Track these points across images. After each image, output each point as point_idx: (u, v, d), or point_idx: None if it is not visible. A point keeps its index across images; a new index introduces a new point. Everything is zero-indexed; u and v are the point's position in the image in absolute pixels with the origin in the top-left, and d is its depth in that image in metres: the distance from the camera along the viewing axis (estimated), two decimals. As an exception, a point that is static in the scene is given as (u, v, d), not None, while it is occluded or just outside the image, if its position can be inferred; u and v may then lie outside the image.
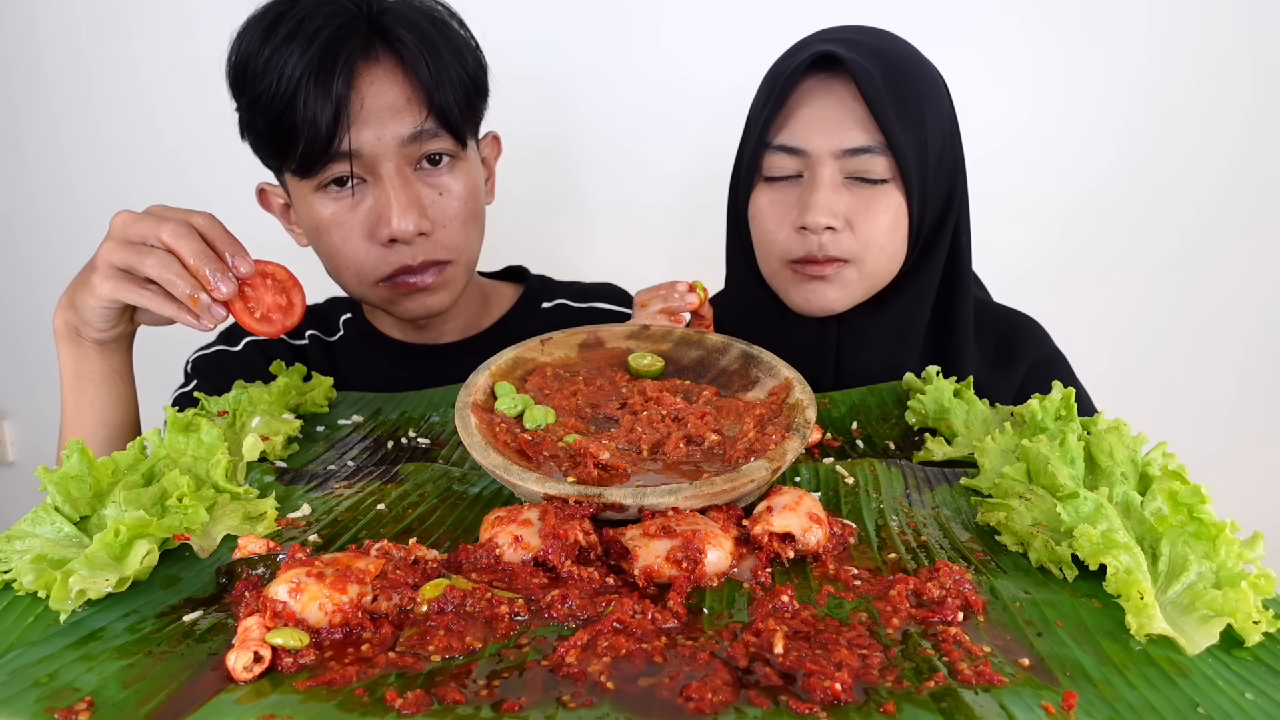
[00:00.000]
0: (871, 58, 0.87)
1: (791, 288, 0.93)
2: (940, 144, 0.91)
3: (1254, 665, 0.46)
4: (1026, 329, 1.03)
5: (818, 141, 0.87)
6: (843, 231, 0.88)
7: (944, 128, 0.92)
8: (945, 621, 0.49)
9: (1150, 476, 0.60)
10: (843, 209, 0.88)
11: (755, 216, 0.93)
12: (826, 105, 0.88)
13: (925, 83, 0.91)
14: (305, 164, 0.88)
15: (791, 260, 0.91)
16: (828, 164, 0.87)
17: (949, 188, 0.94)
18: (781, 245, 0.91)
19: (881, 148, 0.87)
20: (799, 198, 0.89)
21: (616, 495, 0.58)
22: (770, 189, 0.92)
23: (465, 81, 0.92)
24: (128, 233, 0.75)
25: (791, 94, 0.89)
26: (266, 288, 0.79)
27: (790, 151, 0.89)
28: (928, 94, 0.90)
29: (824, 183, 0.87)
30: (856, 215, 0.88)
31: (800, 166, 0.89)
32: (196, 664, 0.46)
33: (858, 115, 0.86)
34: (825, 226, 0.87)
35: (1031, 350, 1.01)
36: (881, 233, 0.89)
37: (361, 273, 0.95)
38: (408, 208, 0.90)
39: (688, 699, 0.42)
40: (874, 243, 0.89)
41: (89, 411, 0.86)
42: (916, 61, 0.92)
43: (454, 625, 0.48)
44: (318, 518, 0.65)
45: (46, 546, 0.56)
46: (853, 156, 0.87)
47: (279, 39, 0.85)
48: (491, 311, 1.14)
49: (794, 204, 0.89)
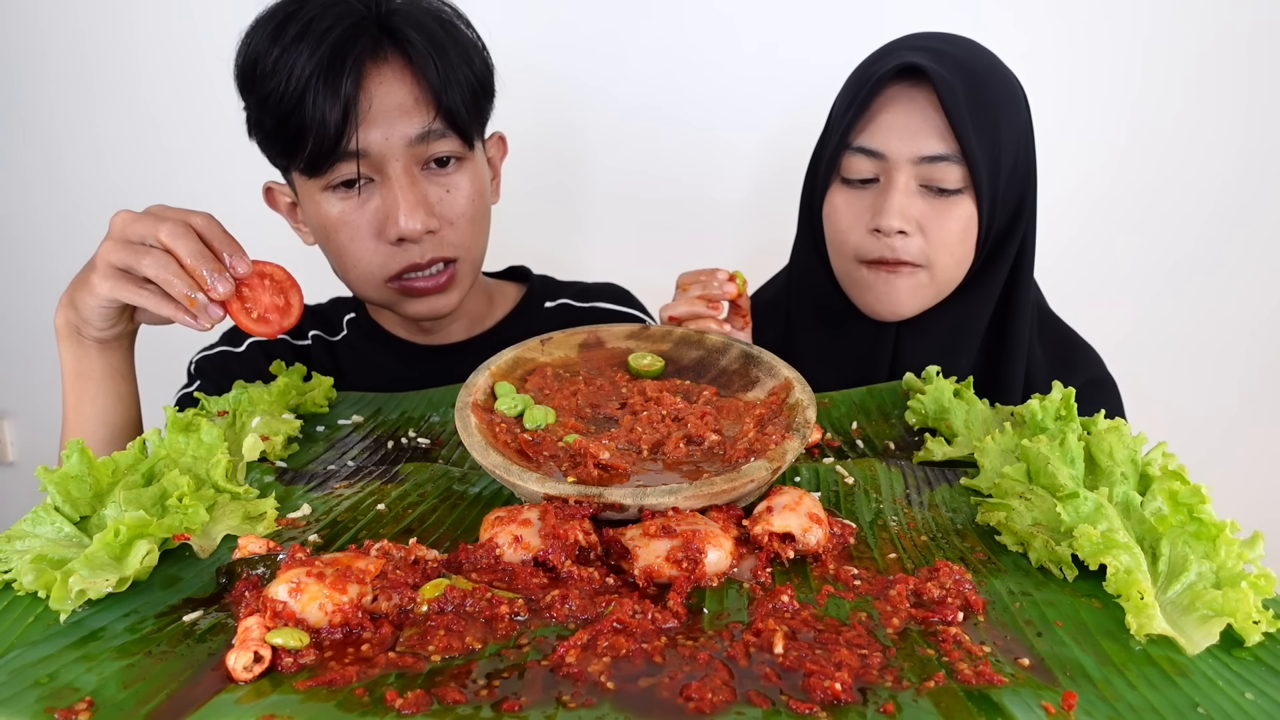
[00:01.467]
0: (954, 69, 0.90)
1: (863, 291, 0.97)
2: (1014, 155, 0.94)
3: (1254, 665, 0.46)
4: (1084, 349, 1.06)
5: (897, 146, 0.91)
6: (914, 236, 0.91)
7: (1019, 138, 0.95)
8: (945, 621, 0.49)
9: (1150, 476, 0.60)
10: (916, 214, 0.91)
11: (830, 215, 0.97)
12: (908, 113, 0.91)
13: (1004, 94, 0.93)
14: (313, 163, 0.89)
15: (864, 260, 0.95)
16: (904, 169, 0.91)
17: (1019, 197, 0.97)
18: (855, 245, 0.95)
19: (957, 157, 0.90)
20: (874, 200, 0.93)
21: (616, 495, 0.58)
22: (847, 189, 0.95)
23: (473, 82, 0.92)
24: (126, 232, 0.76)
25: (875, 99, 0.92)
26: (264, 288, 0.79)
27: (869, 154, 0.92)
28: (1005, 106, 0.93)
29: (900, 187, 0.91)
30: (929, 221, 0.91)
31: (877, 170, 0.93)
32: (196, 664, 0.46)
33: (936, 124, 0.90)
34: (898, 230, 0.90)
35: (1086, 368, 1.03)
36: (952, 240, 0.92)
37: (369, 272, 0.95)
38: (415, 207, 0.90)
39: (688, 699, 0.42)
40: (944, 249, 0.92)
41: (90, 410, 0.86)
42: (997, 73, 0.94)
43: (454, 625, 0.48)
44: (318, 518, 0.65)
45: (46, 546, 0.56)
46: (929, 164, 0.90)
47: (288, 39, 0.85)
48: (494, 311, 1.14)
49: (869, 206, 0.93)
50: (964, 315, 0.98)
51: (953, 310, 0.98)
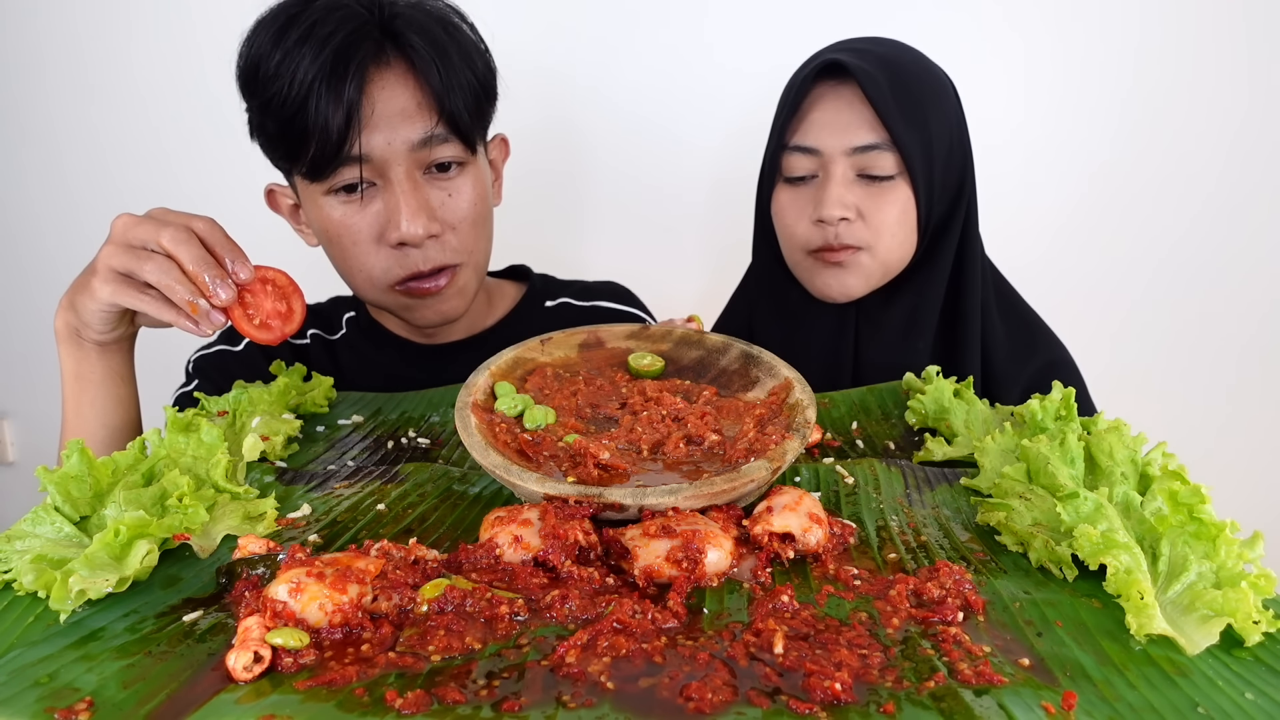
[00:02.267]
0: (876, 64, 0.95)
1: (814, 276, 1.02)
2: (947, 141, 0.99)
3: (1254, 665, 0.46)
4: (1045, 332, 1.09)
5: (829, 141, 0.96)
6: (855, 222, 0.97)
7: (950, 125, 0.99)
8: (945, 621, 0.49)
9: (1150, 476, 0.60)
10: (854, 201, 0.96)
11: (777, 213, 1.03)
12: (836, 109, 0.96)
13: (929, 84, 0.98)
14: (316, 167, 0.88)
15: (811, 250, 1.00)
16: (839, 161, 0.96)
17: (958, 181, 1.01)
18: (802, 237, 1.00)
19: (888, 144, 0.94)
20: (815, 194, 0.98)
21: (616, 495, 0.58)
22: (789, 188, 1.01)
23: (475, 86, 0.92)
24: (128, 237, 0.75)
25: (805, 99, 0.98)
26: (266, 294, 0.79)
27: (805, 151, 0.98)
28: (931, 94, 0.98)
29: (836, 178, 0.96)
30: (867, 207, 0.96)
31: (815, 166, 0.98)
32: (196, 664, 0.46)
33: (865, 116, 0.95)
34: (839, 218, 0.96)
35: (1046, 350, 1.07)
36: (891, 222, 0.97)
37: (372, 277, 0.95)
38: (417, 211, 0.90)
39: (688, 699, 0.42)
40: (884, 231, 0.97)
41: (90, 412, 0.86)
42: (920, 65, 0.99)
43: (454, 625, 0.48)
44: (318, 518, 0.65)
45: (46, 546, 0.56)
46: (862, 154, 0.95)
47: (290, 43, 0.85)
48: (495, 310, 1.14)
49: (810, 200, 0.98)
50: (916, 299, 1.03)
51: (905, 296, 1.03)
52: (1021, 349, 1.06)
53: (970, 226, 1.03)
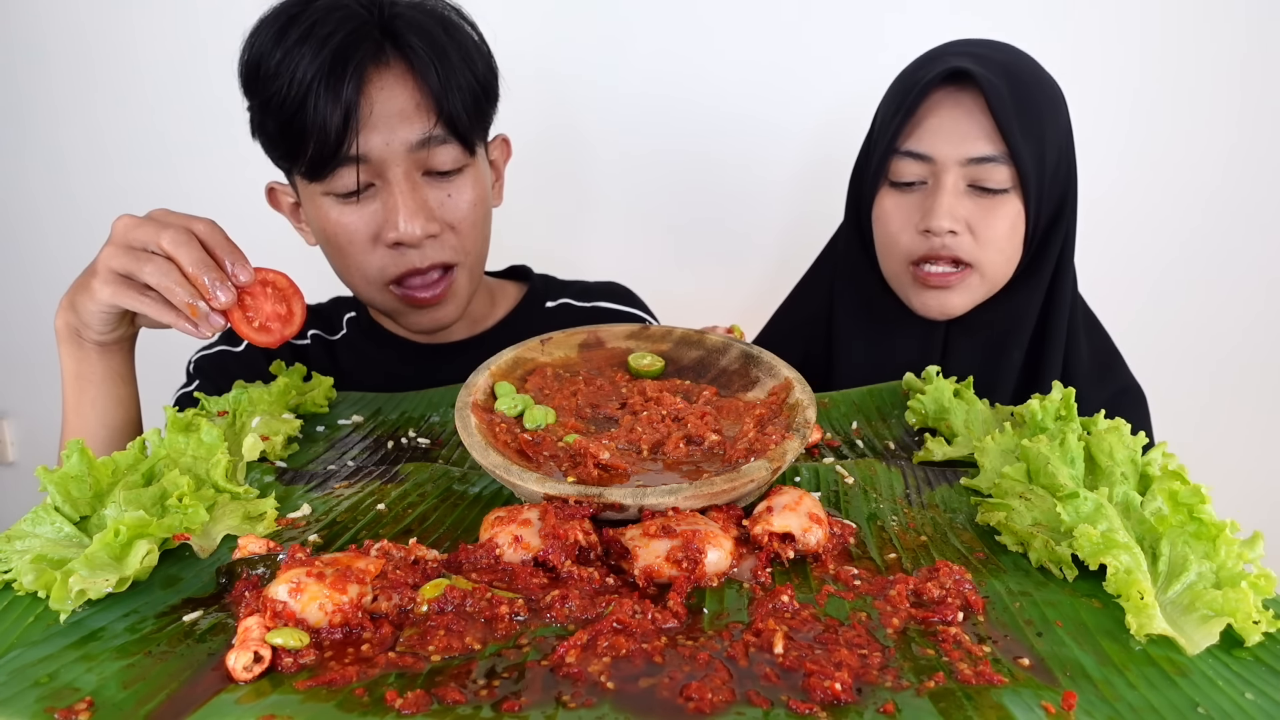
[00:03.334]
0: (999, 72, 0.92)
1: (914, 293, 0.99)
2: (1057, 154, 0.96)
3: (1254, 665, 0.46)
4: (1120, 357, 1.08)
5: (945, 149, 0.93)
6: (963, 235, 0.94)
7: (1061, 138, 0.97)
8: (945, 621, 0.49)
9: (1150, 476, 0.60)
10: (964, 214, 0.93)
11: (880, 218, 0.99)
12: (955, 116, 0.93)
13: (1046, 96, 0.95)
14: (314, 167, 0.89)
15: (913, 260, 0.97)
16: (953, 171, 0.93)
17: (1062, 194, 0.99)
18: (905, 246, 0.97)
19: (1004, 158, 0.92)
20: (923, 202, 0.95)
21: (616, 495, 0.58)
22: (895, 193, 0.98)
23: (475, 87, 0.92)
24: (128, 238, 0.75)
25: (922, 104, 0.95)
26: (266, 296, 0.79)
27: (918, 158, 0.95)
28: (1048, 108, 0.95)
29: (948, 188, 0.93)
30: (977, 221, 0.94)
31: (926, 173, 0.95)
32: (196, 664, 0.46)
33: (984, 127, 0.92)
34: (948, 230, 0.93)
35: (1121, 376, 1.06)
36: (1000, 237, 0.94)
37: (369, 276, 0.95)
38: (415, 212, 0.90)
39: (688, 699, 0.42)
40: (993, 246, 0.95)
41: (90, 412, 0.86)
42: (1039, 77, 0.96)
43: (454, 625, 0.48)
44: (318, 518, 0.65)
45: (46, 546, 0.56)
46: (977, 165, 0.92)
47: (291, 42, 0.85)
48: (495, 310, 1.14)
49: (917, 208, 0.96)
50: (1012, 313, 1.01)
51: (1001, 308, 1.00)
52: (1100, 371, 1.04)
53: (1069, 241, 1.01)
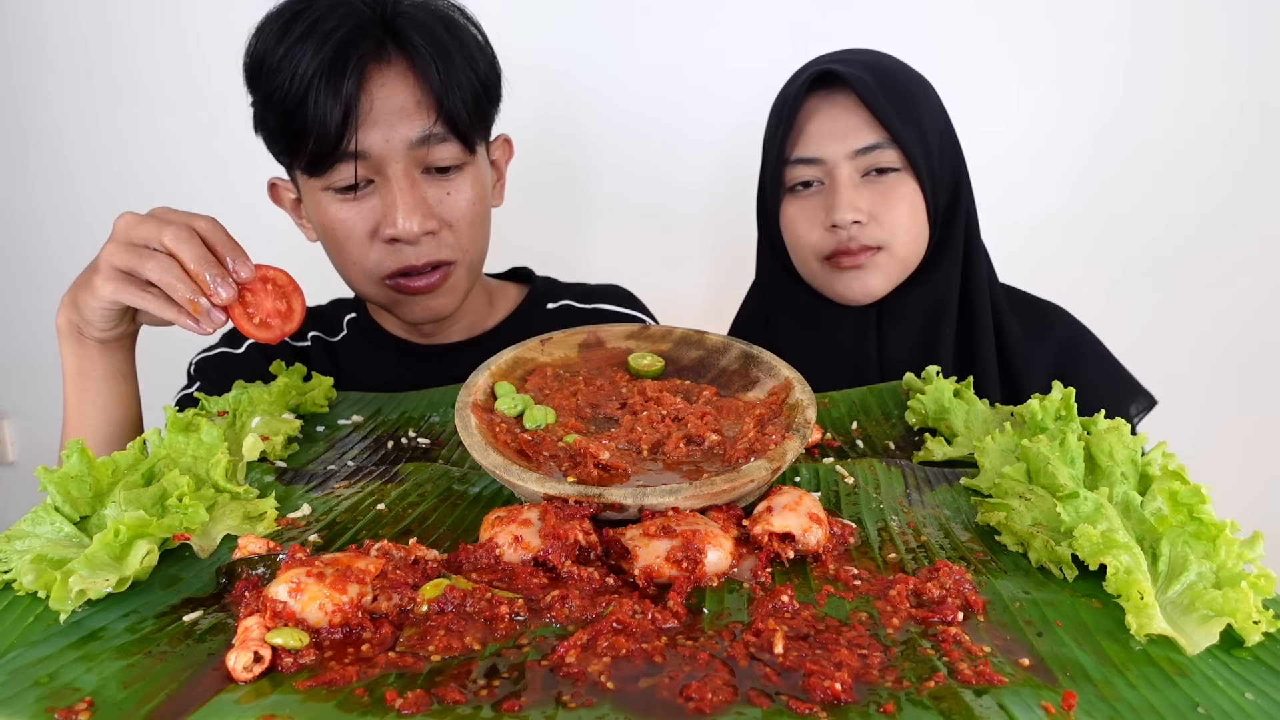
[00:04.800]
0: (865, 69, 0.98)
1: (833, 281, 1.02)
2: (939, 135, 1.01)
3: (1254, 665, 0.46)
4: (1050, 308, 1.11)
5: (831, 149, 0.98)
6: (869, 223, 0.98)
7: (939, 123, 1.02)
8: (945, 621, 0.49)
9: (1150, 476, 0.60)
10: (865, 204, 0.97)
11: (787, 226, 1.03)
12: (832, 116, 0.98)
13: (915, 83, 1.01)
14: (314, 163, 0.89)
15: (825, 256, 1.01)
16: (844, 166, 0.98)
17: (954, 174, 1.03)
18: (815, 244, 1.01)
19: (888, 142, 0.97)
20: (824, 201, 0.99)
21: (616, 495, 0.58)
22: (796, 199, 1.02)
23: (476, 86, 0.92)
24: (130, 235, 0.76)
25: (800, 112, 1.00)
26: (267, 293, 0.79)
27: (808, 162, 0.99)
28: (919, 95, 1.00)
29: (844, 183, 0.97)
30: (878, 207, 0.98)
31: (819, 174, 1.00)
32: (196, 664, 0.46)
33: (862, 119, 0.97)
34: (852, 221, 0.96)
35: (1061, 324, 1.08)
36: (903, 218, 0.98)
37: (365, 270, 0.95)
38: (413, 209, 0.90)
39: (688, 699, 0.42)
40: (898, 228, 0.98)
41: (91, 410, 0.86)
42: (905, 69, 1.03)
43: (454, 625, 0.48)
44: (318, 518, 0.65)
45: (46, 546, 0.56)
46: (865, 154, 0.97)
47: (293, 38, 0.85)
48: (496, 312, 1.14)
49: (820, 207, 1.00)
50: (935, 293, 1.04)
51: (922, 288, 1.04)
52: (1035, 326, 1.07)
53: (972, 216, 1.05)
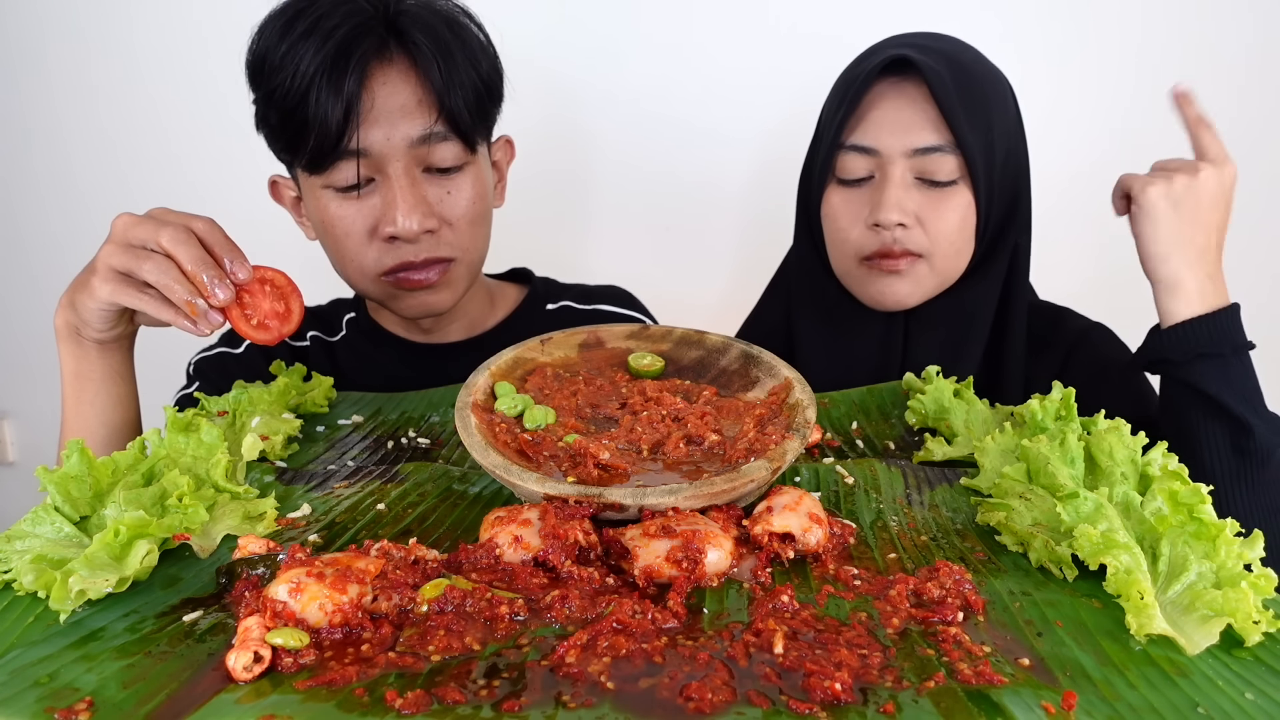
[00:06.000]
0: (942, 61, 0.90)
1: (866, 284, 0.97)
2: (1006, 145, 0.94)
3: (1254, 665, 0.46)
4: (1060, 315, 1.05)
5: (889, 141, 0.91)
6: (914, 228, 0.92)
7: (1009, 130, 0.95)
8: (945, 621, 0.49)
9: (1150, 477, 0.60)
10: (913, 206, 0.91)
11: (828, 215, 0.97)
12: (898, 107, 0.91)
13: (992, 86, 0.94)
14: (315, 160, 0.89)
15: (865, 256, 0.95)
16: (899, 163, 0.91)
17: (1014, 188, 0.97)
18: (855, 242, 0.95)
19: (951, 147, 0.90)
20: (871, 196, 0.93)
21: (616, 495, 0.58)
22: (843, 189, 0.95)
23: (478, 86, 0.92)
24: (128, 236, 0.76)
25: (865, 96, 0.92)
26: (265, 294, 0.79)
27: (863, 151, 0.92)
28: (995, 98, 0.93)
29: (895, 181, 0.91)
30: (926, 213, 0.92)
31: (872, 167, 0.93)
32: (196, 664, 0.46)
33: (929, 116, 0.90)
34: (897, 223, 0.91)
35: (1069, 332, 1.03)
36: (951, 229, 0.93)
37: (363, 267, 0.95)
38: (413, 207, 0.90)
39: (688, 699, 0.42)
40: (943, 239, 0.93)
41: (89, 411, 0.86)
42: (984, 66, 0.95)
43: (454, 625, 0.48)
44: (318, 518, 0.65)
45: (46, 546, 0.56)
46: (923, 156, 0.90)
47: (296, 35, 0.85)
48: (496, 312, 1.14)
49: (866, 202, 0.93)
50: (969, 305, 0.99)
51: (957, 301, 0.99)
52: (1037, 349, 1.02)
53: (1024, 238, 0.99)
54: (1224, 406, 0.83)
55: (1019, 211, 0.98)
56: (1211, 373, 0.84)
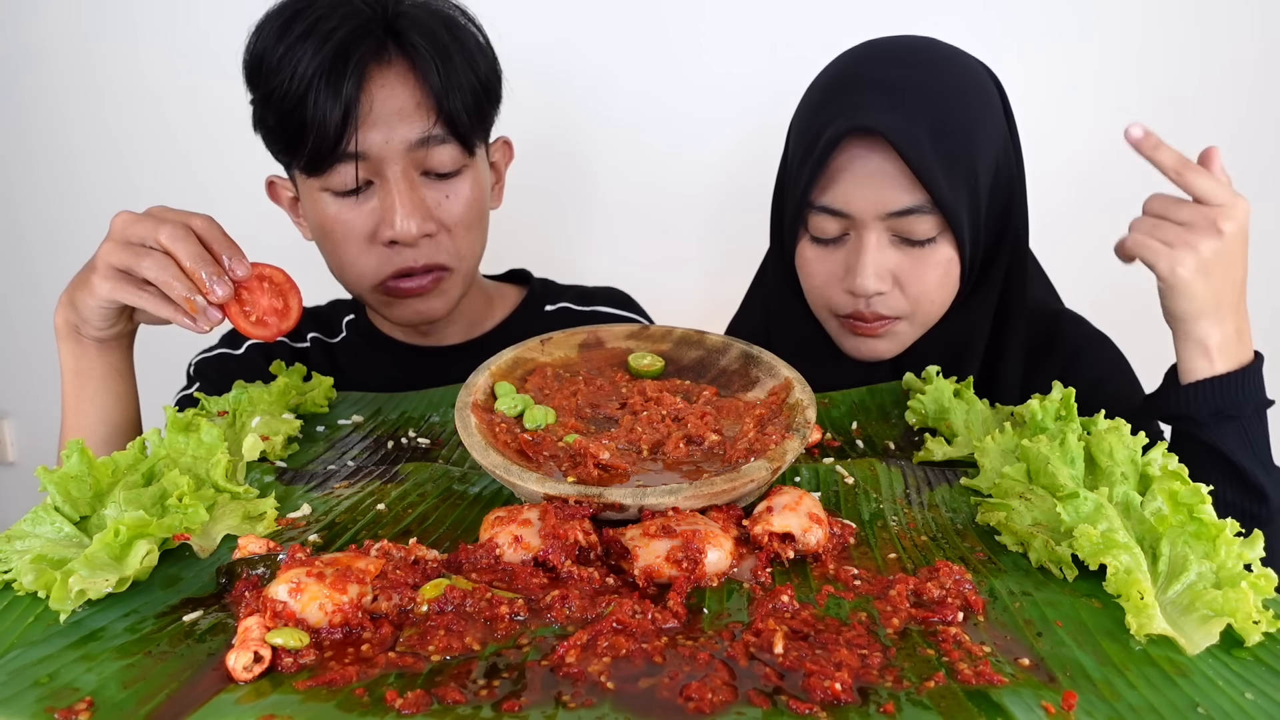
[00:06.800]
0: (915, 110, 0.82)
1: (842, 338, 0.93)
2: (993, 171, 0.88)
3: (1254, 665, 0.46)
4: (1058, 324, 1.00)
5: (861, 206, 0.84)
6: (891, 291, 0.87)
7: (997, 149, 0.88)
8: (945, 621, 0.49)
9: (1150, 477, 0.60)
10: (891, 268, 0.86)
11: (803, 268, 0.92)
12: (869, 170, 0.83)
13: (976, 112, 0.86)
14: (313, 163, 0.89)
15: (841, 315, 0.91)
16: (873, 226, 0.85)
17: (1003, 208, 0.91)
18: (832, 302, 0.91)
19: (929, 206, 0.83)
20: (846, 258, 0.87)
21: (616, 495, 0.58)
22: (817, 246, 0.90)
23: (476, 88, 0.92)
24: (127, 234, 0.76)
25: (832, 157, 0.85)
26: (263, 291, 0.79)
27: (834, 214, 0.86)
28: (978, 124, 0.86)
29: (871, 246, 0.85)
30: (905, 274, 0.86)
31: (845, 227, 0.87)
32: (196, 664, 0.46)
33: (902, 176, 0.82)
34: (874, 291, 0.86)
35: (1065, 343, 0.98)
36: (931, 288, 0.88)
37: (362, 273, 0.95)
38: (412, 211, 0.90)
39: (688, 699, 0.42)
40: (924, 298, 0.88)
41: (89, 409, 0.86)
42: (964, 86, 0.86)
43: (454, 625, 0.48)
44: (318, 518, 0.65)
45: (46, 546, 0.56)
46: (899, 218, 0.84)
47: (294, 37, 0.85)
48: (494, 314, 1.14)
49: (841, 263, 0.88)
50: (961, 333, 0.94)
51: (945, 331, 0.94)
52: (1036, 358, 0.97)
53: (1018, 249, 0.93)
54: (1241, 469, 0.80)
55: (1009, 232, 0.92)
56: (1232, 436, 0.80)
